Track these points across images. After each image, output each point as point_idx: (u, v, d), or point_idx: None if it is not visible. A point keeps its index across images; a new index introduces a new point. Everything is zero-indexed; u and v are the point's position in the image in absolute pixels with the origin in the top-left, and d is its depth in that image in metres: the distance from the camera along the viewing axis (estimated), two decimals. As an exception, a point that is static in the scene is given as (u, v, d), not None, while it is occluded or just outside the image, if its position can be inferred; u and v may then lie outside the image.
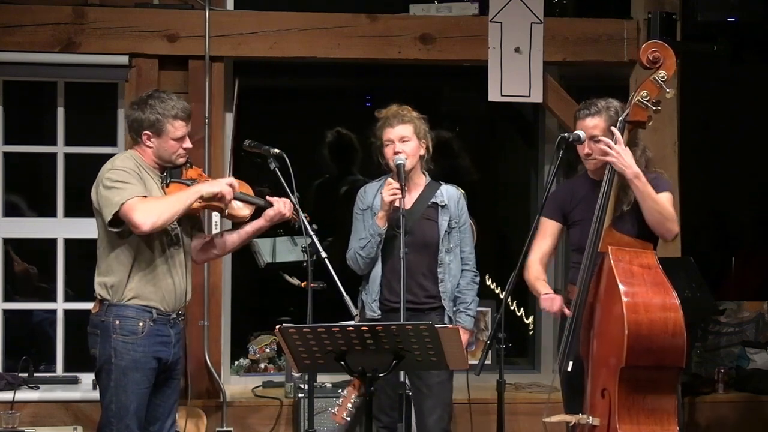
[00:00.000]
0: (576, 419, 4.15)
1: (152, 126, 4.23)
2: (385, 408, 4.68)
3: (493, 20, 5.54)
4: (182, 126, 4.26)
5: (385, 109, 4.73)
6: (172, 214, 4.11)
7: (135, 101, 4.34)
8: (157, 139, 4.24)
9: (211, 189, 4.22)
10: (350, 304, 4.16)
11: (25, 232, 5.69)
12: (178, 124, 4.24)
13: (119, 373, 4.16)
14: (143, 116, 4.23)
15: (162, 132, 4.23)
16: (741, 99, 6.94)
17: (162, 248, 4.23)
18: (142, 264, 4.20)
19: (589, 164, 4.36)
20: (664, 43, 4.24)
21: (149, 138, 4.25)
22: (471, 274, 4.75)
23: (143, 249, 4.19)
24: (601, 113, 4.31)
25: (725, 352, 6.21)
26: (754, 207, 7.40)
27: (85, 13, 5.39)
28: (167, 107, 4.24)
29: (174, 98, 4.29)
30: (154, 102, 4.24)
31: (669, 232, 4.20)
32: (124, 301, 4.18)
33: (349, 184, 6.31)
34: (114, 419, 4.18)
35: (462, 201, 4.77)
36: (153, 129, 4.23)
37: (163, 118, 4.22)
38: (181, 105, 4.28)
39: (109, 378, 4.18)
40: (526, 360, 6.40)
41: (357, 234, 4.72)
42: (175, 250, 4.28)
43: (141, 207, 4.05)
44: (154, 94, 4.30)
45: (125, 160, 4.23)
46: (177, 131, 4.25)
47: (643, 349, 3.88)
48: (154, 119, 4.22)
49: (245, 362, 5.96)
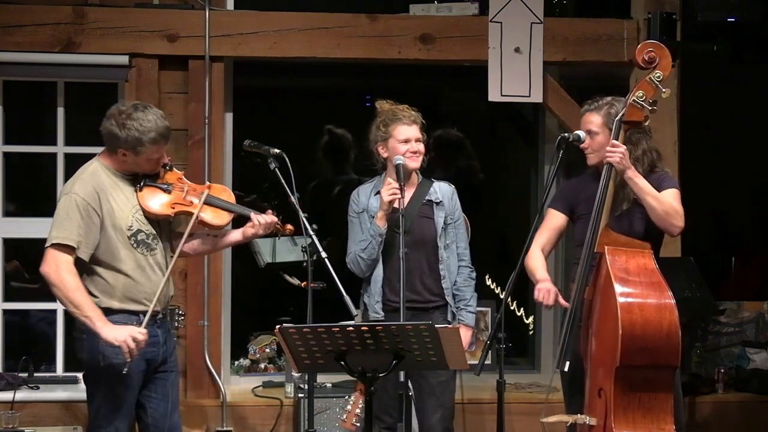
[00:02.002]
0: (573, 419, 4.15)
1: (130, 147, 4.11)
2: (386, 408, 4.67)
3: (493, 20, 5.54)
4: (160, 148, 4.17)
5: (386, 102, 4.70)
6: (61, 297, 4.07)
7: (113, 113, 4.15)
8: (134, 157, 4.14)
9: (110, 336, 4.05)
10: (350, 304, 4.16)
11: (25, 232, 5.68)
12: (156, 147, 4.14)
13: (109, 378, 4.14)
14: (120, 135, 4.09)
15: (140, 154, 4.13)
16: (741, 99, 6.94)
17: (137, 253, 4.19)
18: (120, 270, 4.15)
19: (588, 159, 4.37)
20: (659, 43, 4.24)
21: (124, 155, 4.15)
22: (467, 270, 4.75)
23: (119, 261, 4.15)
24: (601, 109, 4.33)
25: (725, 352, 6.21)
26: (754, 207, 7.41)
27: (85, 13, 5.39)
28: (146, 131, 4.08)
29: (152, 119, 4.10)
30: (133, 124, 4.07)
31: (672, 227, 4.20)
32: (110, 304, 4.14)
33: (344, 184, 6.31)
34: (104, 422, 4.18)
35: (455, 196, 4.77)
36: (130, 149, 4.12)
37: (141, 145, 4.10)
38: (160, 128, 4.11)
39: (98, 382, 4.17)
40: (526, 360, 6.39)
41: (355, 237, 4.71)
42: (150, 252, 4.22)
43: (59, 263, 4.04)
44: (133, 114, 4.10)
45: (86, 183, 4.12)
46: (155, 153, 4.16)
47: (638, 349, 3.88)
48: (133, 141, 4.09)
49: (245, 362, 5.95)
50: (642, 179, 4.17)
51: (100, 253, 4.14)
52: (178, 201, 4.27)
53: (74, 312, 4.08)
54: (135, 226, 4.19)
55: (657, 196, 4.17)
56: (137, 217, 4.20)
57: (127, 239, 4.17)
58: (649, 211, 4.18)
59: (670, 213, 4.17)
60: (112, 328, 4.06)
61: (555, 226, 4.50)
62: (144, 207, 4.21)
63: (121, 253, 4.16)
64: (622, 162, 4.13)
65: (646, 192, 4.16)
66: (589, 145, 4.32)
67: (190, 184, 4.33)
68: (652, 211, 4.17)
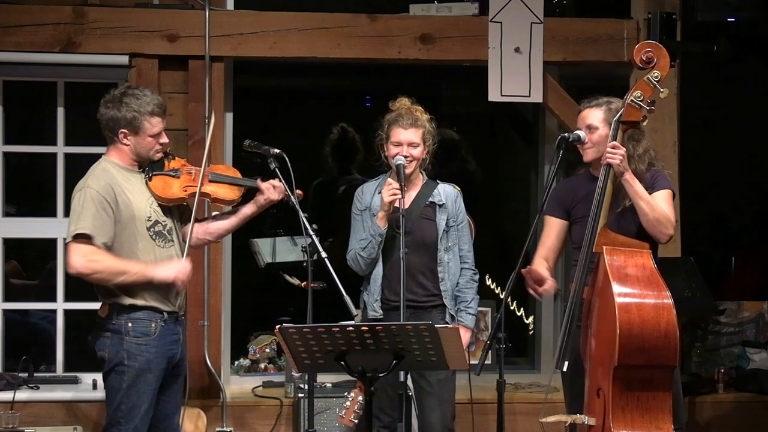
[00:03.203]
0: (573, 419, 4.16)
1: (129, 124, 4.19)
2: (385, 408, 4.67)
3: (493, 20, 5.54)
4: (159, 122, 4.24)
5: (397, 101, 4.71)
6: (106, 279, 4.11)
7: (108, 99, 4.25)
8: (134, 137, 4.21)
9: (163, 275, 4.16)
10: (350, 304, 4.16)
11: (25, 232, 5.69)
12: (155, 120, 4.22)
13: (132, 375, 4.17)
14: (119, 114, 4.18)
15: (139, 130, 4.20)
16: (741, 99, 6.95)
17: (156, 245, 4.22)
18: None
19: (586, 154, 4.37)
20: (657, 44, 4.25)
21: (126, 136, 4.21)
22: (470, 272, 4.75)
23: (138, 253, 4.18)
24: (601, 105, 4.35)
25: (725, 352, 6.21)
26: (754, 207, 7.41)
27: (85, 13, 5.39)
28: (143, 104, 4.19)
29: (148, 94, 4.24)
30: (129, 99, 4.18)
31: (662, 234, 4.21)
32: (134, 302, 4.17)
33: (348, 184, 6.31)
34: (123, 420, 4.18)
35: (459, 199, 4.77)
36: (130, 127, 4.19)
37: (140, 116, 4.18)
38: (156, 100, 4.24)
39: (121, 379, 4.18)
40: (526, 360, 6.40)
41: (356, 235, 4.71)
42: (167, 244, 4.27)
43: (83, 254, 4.06)
44: (128, 91, 4.23)
45: (98, 178, 4.17)
46: (154, 128, 4.22)
47: (635, 349, 3.89)
48: (131, 117, 4.18)
49: (245, 362, 5.96)
50: (638, 183, 4.18)
51: (119, 246, 4.16)
52: (188, 183, 4.32)
53: (125, 281, 4.11)
54: (153, 216, 4.24)
55: (650, 202, 4.18)
56: (153, 207, 4.25)
57: (146, 230, 4.20)
58: (640, 216, 4.19)
59: (661, 221, 4.18)
60: (161, 269, 4.16)
61: (555, 233, 4.51)
62: (157, 195, 4.26)
63: (140, 245, 4.19)
64: (622, 165, 4.13)
65: (641, 196, 4.17)
66: (588, 139, 4.32)
67: (195, 167, 4.38)
68: (644, 217, 4.18)
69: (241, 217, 4.46)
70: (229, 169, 4.52)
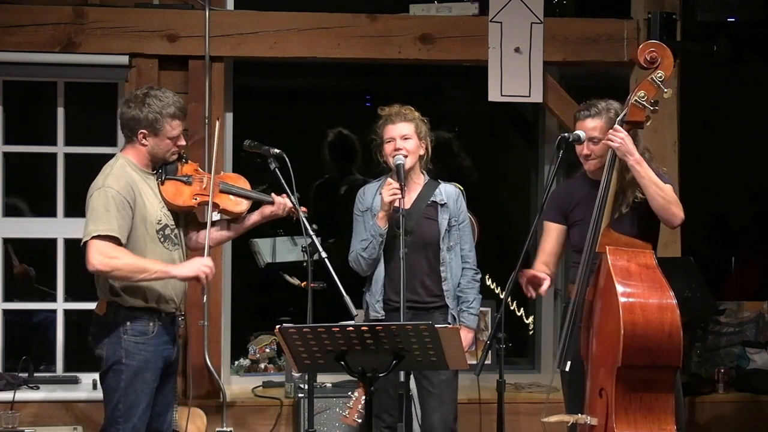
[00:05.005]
0: (574, 419, 4.15)
1: (150, 125, 4.19)
2: (387, 408, 4.67)
3: (493, 20, 5.54)
4: (179, 125, 4.25)
5: (387, 107, 4.73)
6: (126, 276, 4.10)
7: (130, 99, 4.26)
8: (153, 138, 4.22)
9: (185, 274, 4.18)
10: (350, 304, 4.16)
11: (25, 232, 5.69)
12: (176, 123, 4.22)
13: (130, 374, 4.16)
14: (141, 115, 4.19)
15: (159, 131, 4.20)
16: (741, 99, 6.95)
17: (163, 248, 4.23)
18: None
19: (588, 165, 4.36)
20: (661, 44, 4.24)
21: (145, 137, 4.21)
22: (471, 272, 4.74)
23: (146, 254, 4.18)
24: (601, 115, 4.32)
25: (725, 352, 6.21)
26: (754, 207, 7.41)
27: (85, 13, 5.39)
28: (165, 105, 4.20)
29: (169, 95, 4.24)
30: (152, 101, 4.19)
31: (674, 216, 4.17)
32: (134, 303, 4.18)
33: (349, 184, 6.31)
34: (121, 419, 4.18)
35: (461, 199, 4.77)
36: (150, 128, 4.20)
37: (161, 118, 4.19)
38: (178, 103, 4.25)
39: (119, 378, 4.18)
40: (526, 360, 6.40)
41: (358, 235, 4.71)
42: (174, 248, 4.28)
43: (103, 252, 4.05)
44: (150, 92, 4.24)
45: (118, 178, 4.16)
46: (174, 130, 4.23)
47: (639, 349, 3.88)
48: (153, 118, 4.18)
49: (245, 362, 5.96)
50: (647, 166, 4.13)
51: (129, 246, 4.15)
52: (198, 192, 4.32)
53: (144, 278, 4.11)
54: (163, 220, 4.24)
55: (660, 185, 4.14)
56: (164, 212, 4.26)
57: (156, 233, 4.21)
58: (650, 201, 4.15)
59: (671, 202, 4.14)
60: (182, 267, 4.19)
61: (554, 237, 4.50)
62: (168, 200, 4.26)
63: (148, 247, 4.18)
64: (622, 147, 4.11)
65: (650, 179, 4.12)
66: (591, 151, 4.31)
67: (207, 174, 4.37)
68: (654, 200, 4.14)
69: (244, 226, 4.48)
70: (239, 178, 4.48)
